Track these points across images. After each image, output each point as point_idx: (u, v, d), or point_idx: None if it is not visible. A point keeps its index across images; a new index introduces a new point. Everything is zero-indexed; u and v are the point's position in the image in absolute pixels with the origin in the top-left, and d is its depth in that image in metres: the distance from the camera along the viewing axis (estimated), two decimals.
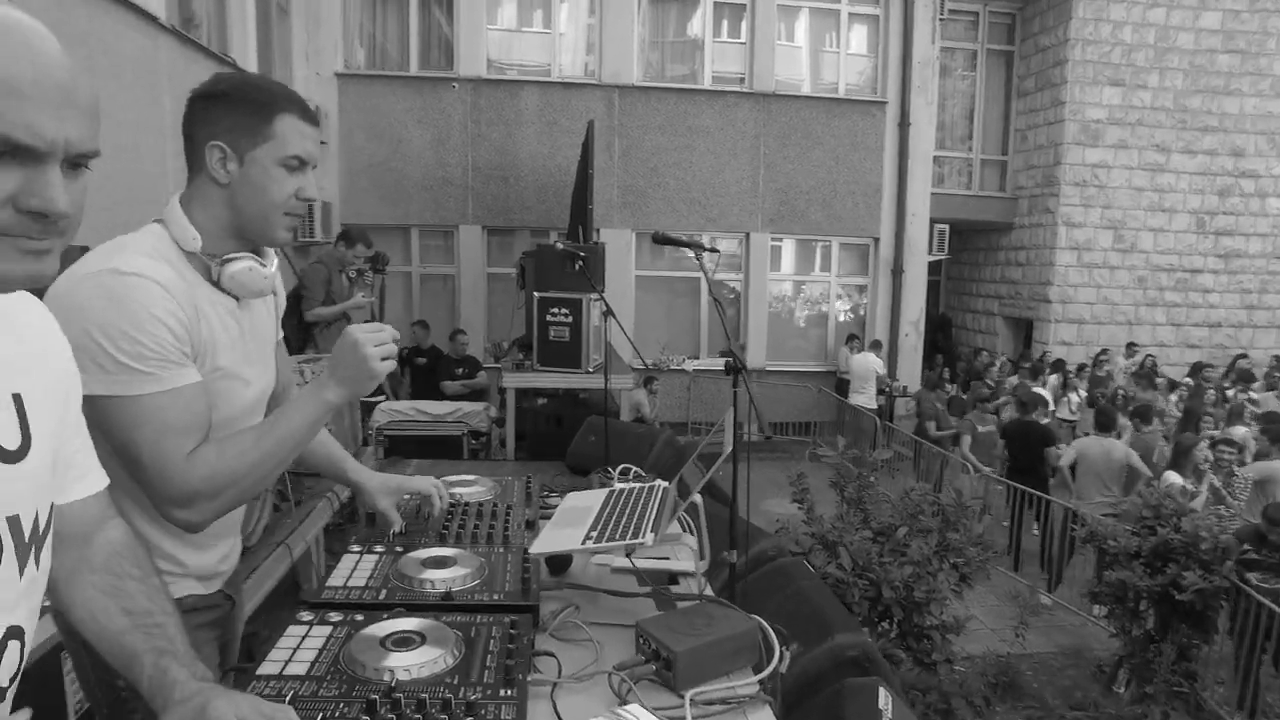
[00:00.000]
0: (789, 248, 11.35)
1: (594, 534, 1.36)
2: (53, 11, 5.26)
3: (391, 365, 1.31)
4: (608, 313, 4.99)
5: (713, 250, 2.67)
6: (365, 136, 10.26)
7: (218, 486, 1.23)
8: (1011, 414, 8.16)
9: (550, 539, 1.42)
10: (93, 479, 1.00)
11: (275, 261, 1.43)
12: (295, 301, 5.20)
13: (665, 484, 1.67)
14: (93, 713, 1.41)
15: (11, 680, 0.83)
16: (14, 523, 0.79)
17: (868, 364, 9.94)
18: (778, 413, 10.89)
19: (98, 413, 1.18)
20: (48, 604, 0.97)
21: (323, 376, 1.32)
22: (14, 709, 0.87)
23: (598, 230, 9.94)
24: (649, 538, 1.30)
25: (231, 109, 1.29)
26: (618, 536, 1.33)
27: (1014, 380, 10.06)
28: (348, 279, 5.44)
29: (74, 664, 1.39)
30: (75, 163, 0.72)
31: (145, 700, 0.94)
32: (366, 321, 6.66)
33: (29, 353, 0.84)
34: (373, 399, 7.20)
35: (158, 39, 6.53)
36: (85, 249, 3.57)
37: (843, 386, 10.60)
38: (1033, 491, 6.74)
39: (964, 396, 9.27)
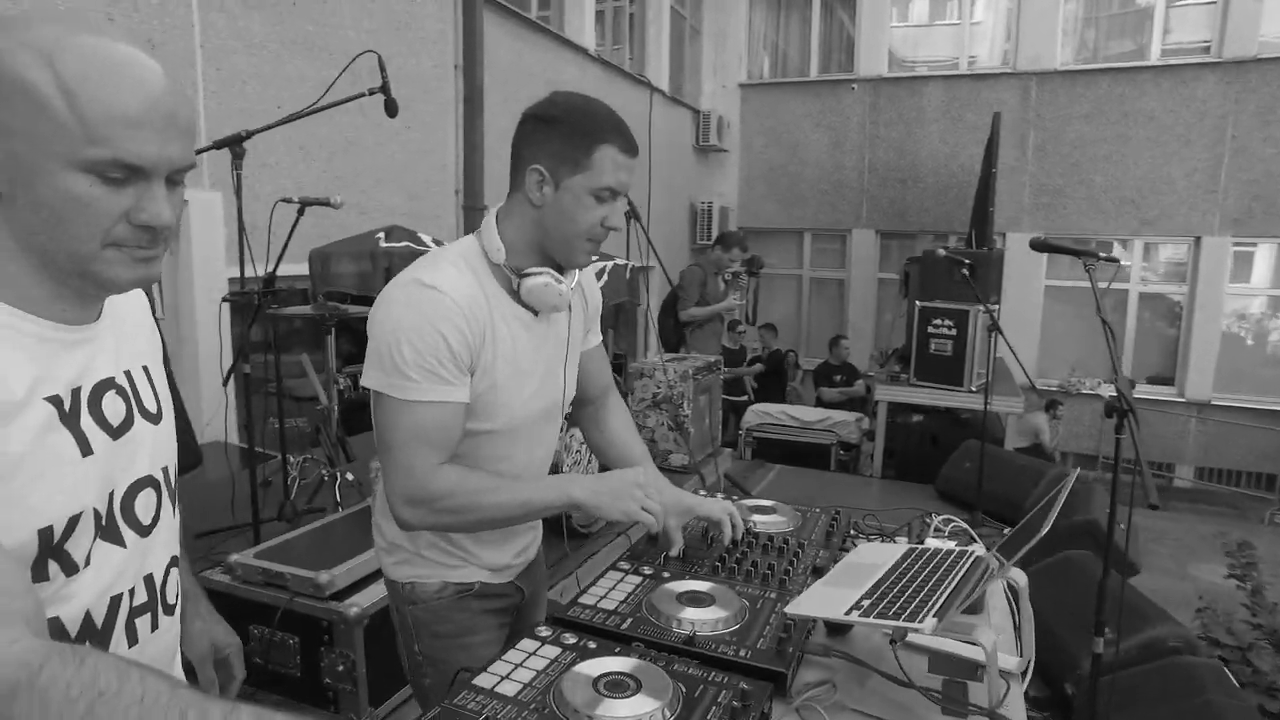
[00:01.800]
0: (1263, 254, 9.11)
1: (865, 603, 1.14)
2: (512, 50, 6.25)
3: (644, 518, 1.37)
4: (993, 327, 4.44)
5: (1110, 260, 2.18)
6: (764, 142, 10.54)
7: (447, 505, 1.32)
8: None
9: (813, 599, 1.22)
10: None
11: (576, 277, 1.45)
12: (672, 302, 5.49)
13: (981, 552, 1.36)
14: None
15: (177, 598, 1.02)
16: (166, 473, 0.97)
17: None
18: (1227, 458, 8.86)
19: (373, 401, 1.33)
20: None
21: (587, 476, 1.39)
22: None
23: (1001, 235, 9.00)
24: (928, 624, 1.04)
25: (557, 134, 1.32)
26: (890, 613, 1.09)
27: None
28: (723, 281, 5.60)
29: (395, 626, 1.56)
30: (174, 179, 0.81)
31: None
32: (738, 321, 6.81)
33: (140, 333, 0.99)
34: (737, 398, 7.37)
35: (586, 67, 7.46)
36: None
37: None
38: None
39: None
